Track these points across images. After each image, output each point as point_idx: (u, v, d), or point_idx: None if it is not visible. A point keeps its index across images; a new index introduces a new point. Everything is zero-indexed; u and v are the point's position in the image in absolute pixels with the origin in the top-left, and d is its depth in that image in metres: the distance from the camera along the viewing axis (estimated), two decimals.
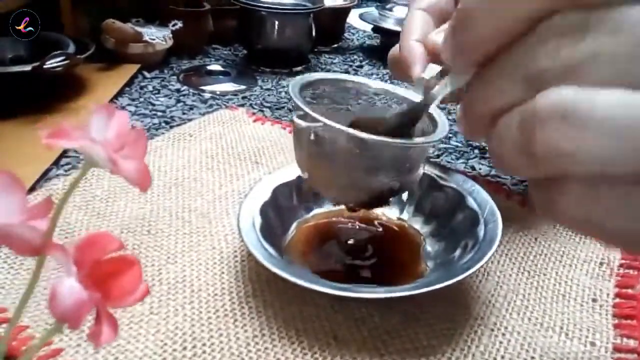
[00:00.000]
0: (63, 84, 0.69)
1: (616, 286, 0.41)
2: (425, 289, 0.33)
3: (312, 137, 0.35)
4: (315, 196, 0.47)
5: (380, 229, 0.46)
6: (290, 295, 0.38)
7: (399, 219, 0.47)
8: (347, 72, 0.89)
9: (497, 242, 0.37)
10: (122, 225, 0.45)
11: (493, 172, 0.59)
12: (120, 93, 0.71)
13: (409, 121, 0.34)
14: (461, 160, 0.62)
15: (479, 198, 0.42)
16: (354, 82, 0.41)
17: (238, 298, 0.38)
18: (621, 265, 0.43)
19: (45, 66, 0.61)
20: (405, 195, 0.47)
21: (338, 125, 0.32)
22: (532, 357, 0.35)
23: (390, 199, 0.39)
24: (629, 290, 0.40)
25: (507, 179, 0.57)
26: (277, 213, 0.43)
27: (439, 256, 0.41)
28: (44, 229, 0.19)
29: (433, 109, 0.35)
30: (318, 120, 0.33)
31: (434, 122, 0.36)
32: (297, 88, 0.36)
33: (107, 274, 0.19)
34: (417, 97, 0.32)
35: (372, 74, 0.88)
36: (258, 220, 0.40)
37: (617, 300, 0.39)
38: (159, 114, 0.67)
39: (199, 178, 0.52)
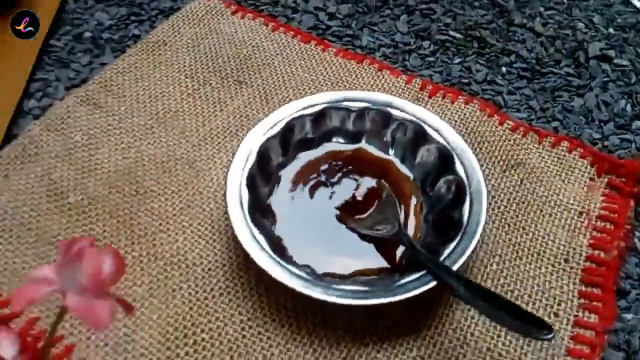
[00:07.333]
0: None
1: (590, 245, 0.42)
2: (404, 296, 0.35)
3: None
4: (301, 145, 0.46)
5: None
6: None
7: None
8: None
9: (478, 236, 0.38)
10: (110, 183, 0.45)
11: (489, 78, 0.56)
12: None
13: None
14: (457, 59, 0.58)
15: (467, 162, 0.42)
16: None
17: (231, 273, 0.40)
18: (599, 217, 0.44)
19: None
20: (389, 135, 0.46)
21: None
22: (499, 335, 0.38)
23: None
24: (602, 254, 0.42)
25: (502, 94, 0.55)
26: (263, 173, 0.43)
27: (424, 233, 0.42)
28: None
29: None
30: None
31: None
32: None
33: None
34: None
35: None
36: (245, 195, 0.40)
37: (588, 264, 0.41)
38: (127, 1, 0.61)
39: (181, 110, 0.50)
